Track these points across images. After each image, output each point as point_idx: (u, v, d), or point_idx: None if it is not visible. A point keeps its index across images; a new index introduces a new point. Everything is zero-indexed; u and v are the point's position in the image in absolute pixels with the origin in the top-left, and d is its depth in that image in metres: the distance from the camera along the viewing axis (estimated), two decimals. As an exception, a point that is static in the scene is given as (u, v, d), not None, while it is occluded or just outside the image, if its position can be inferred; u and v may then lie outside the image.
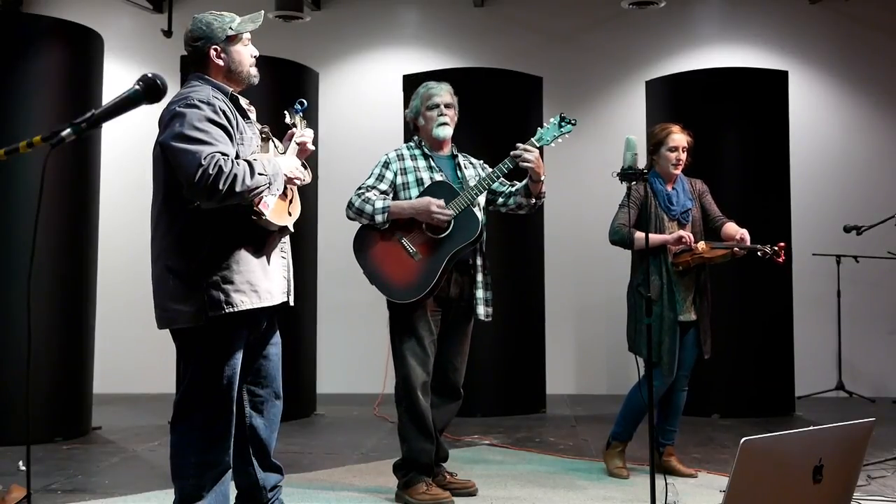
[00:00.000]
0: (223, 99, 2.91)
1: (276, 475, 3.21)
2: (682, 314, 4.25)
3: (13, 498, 3.68)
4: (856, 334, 7.69)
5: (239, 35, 3.00)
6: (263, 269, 2.93)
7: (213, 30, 2.96)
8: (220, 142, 2.78)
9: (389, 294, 3.79)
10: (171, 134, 2.76)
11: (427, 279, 3.74)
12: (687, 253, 4.22)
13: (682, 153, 4.33)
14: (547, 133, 3.89)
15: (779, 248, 4.14)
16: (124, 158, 7.80)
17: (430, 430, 3.85)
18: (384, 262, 3.80)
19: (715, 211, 4.48)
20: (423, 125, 3.97)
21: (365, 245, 3.85)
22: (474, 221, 3.80)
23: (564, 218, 7.64)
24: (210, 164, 2.69)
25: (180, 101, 2.83)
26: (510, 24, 8.47)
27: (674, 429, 4.43)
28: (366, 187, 3.87)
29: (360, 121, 8.32)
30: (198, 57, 2.99)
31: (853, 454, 2.39)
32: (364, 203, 3.80)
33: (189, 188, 2.74)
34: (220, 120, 2.83)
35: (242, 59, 3.01)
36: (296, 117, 3.18)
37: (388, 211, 3.78)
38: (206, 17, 2.99)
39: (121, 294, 7.43)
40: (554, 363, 7.24)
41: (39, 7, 8.47)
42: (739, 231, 4.26)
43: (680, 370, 4.34)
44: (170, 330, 2.94)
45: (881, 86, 8.15)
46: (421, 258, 3.78)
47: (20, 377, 5.18)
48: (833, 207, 7.75)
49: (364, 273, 3.85)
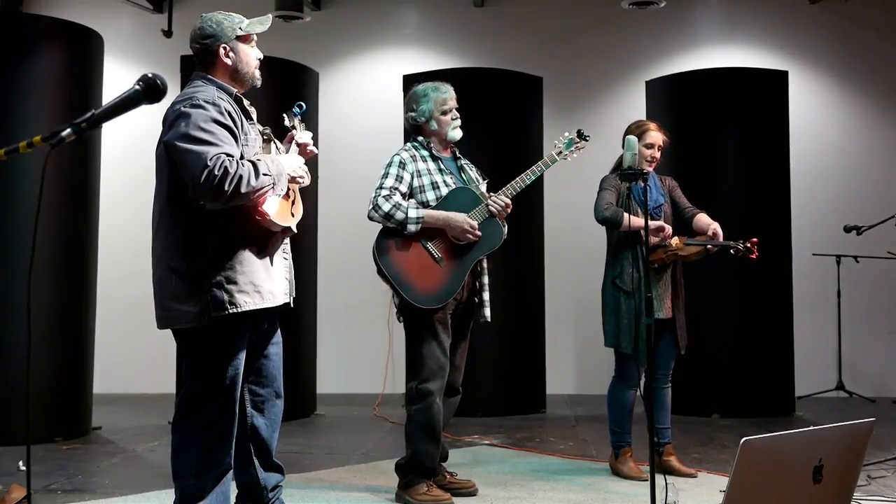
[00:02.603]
0: (228, 100, 2.91)
1: (278, 475, 3.21)
2: (658, 312, 4.26)
3: (13, 498, 3.68)
4: (856, 334, 7.69)
5: (247, 36, 3.00)
6: (266, 269, 2.93)
7: (224, 28, 2.96)
8: (225, 143, 2.78)
9: (415, 299, 3.77)
10: (177, 134, 2.76)
11: (452, 285, 3.79)
12: (661, 249, 4.24)
13: (656, 151, 4.36)
14: (566, 147, 4.06)
15: (751, 244, 4.17)
16: (124, 158, 7.80)
17: (438, 434, 3.85)
18: (410, 266, 3.80)
19: (685, 203, 4.52)
20: (436, 129, 3.99)
21: (389, 248, 3.83)
22: (497, 229, 3.90)
23: (564, 218, 7.63)
24: (216, 164, 2.69)
25: (185, 101, 2.82)
26: (510, 24, 8.47)
27: (666, 426, 4.45)
28: (389, 189, 3.83)
29: (360, 121, 8.32)
30: (205, 55, 2.98)
31: (853, 454, 2.39)
32: (395, 209, 3.78)
33: (194, 189, 2.74)
34: (225, 121, 2.83)
35: (249, 60, 3.01)
36: (294, 120, 3.18)
37: (423, 222, 3.79)
38: (216, 15, 2.99)
39: (121, 294, 7.43)
40: (554, 363, 7.25)
41: (39, 7, 8.46)
42: (711, 224, 4.29)
43: (658, 370, 4.38)
44: (171, 330, 2.93)
45: (881, 86, 8.15)
46: (446, 264, 3.81)
47: (20, 377, 5.18)
48: (833, 207, 7.75)
49: (383, 274, 3.81)
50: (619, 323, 4.27)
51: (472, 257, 3.85)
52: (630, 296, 4.24)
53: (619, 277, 4.29)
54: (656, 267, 4.27)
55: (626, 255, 4.28)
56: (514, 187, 3.92)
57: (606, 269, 4.42)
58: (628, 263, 4.27)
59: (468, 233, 3.80)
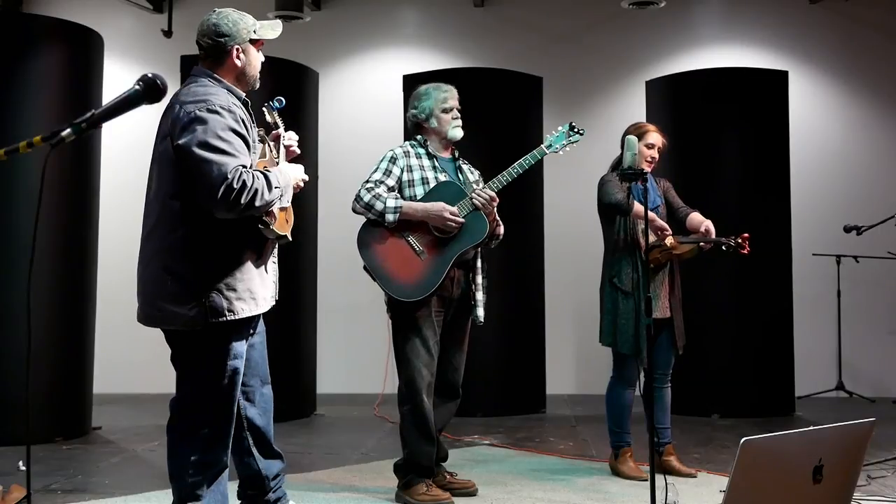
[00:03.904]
0: (239, 105, 2.89)
1: (278, 462, 3.23)
2: (656, 311, 4.25)
3: (13, 498, 3.67)
4: (856, 334, 7.68)
5: (259, 40, 2.99)
6: (261, 276, 2.95)
7: (239, 29, 2.93)
8: (241, 154, 2.76)
9: (392, 291, 3.78)
10: (195, 140, 2.72)
11: (432, 279, 3.75)
12: (656, 249, 4.25)
13: (656, 152, 4.38)
14: (556, 140, 4.01)
15: (742, 239, 4.18)
16: (124, 158, 7.79)
17: (432, 432, 3.84)
18: (389, 258, 3.80)
19: (679, 203, 4.53)
20: (436, 127, 3.98)
21: (370, 240, 3.83)
22: (482, 223, 3.82)
23: (564, 218, 7.63)
24: (235, 177, 2.68)
25: (199, 104, 2.77)
26: (510, 24, 8.47)
27: (666, 426, 4.45)
28: (374, 181, 3.85)
29: (360, 121, 8.31)
30: (215, 53, 2.93)
31: (853, 454, 2.39)
32: (375, 199, 3.79)
33: (209, 199, 2.71)
34: (241, 129, 2.81)
35: (256, 63, 3.01)
36: (274, 114, 3.16)
37: (401, 211, 3.78)
38: (232, 14, 2.95)
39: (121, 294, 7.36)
40: (554, 363, 7.24)
41: (39, 7, 8.46)
42: (704, 222, 4.30)
43: (657, 370, 4.37)
44: (163, 331, 2.93)
45: (881, 86, 8.15)
46: (427, 257, 3.79)
47: (20, 377, 5.17)
48: (833, 207, 7.74)
49: (366, 268, 3.83)
50: (616, 323, 4.27)
51: (455, 250, 3.79)
52: (628, 296, 4.25)
53: (618, 277, 4.30)
54: (653, 267, 4.27)
55: (625, 254, 4.29)
56: (500, 181, 3.87)
57: (604, 269, 4.42)
58: (627, 263, 4.28)
59: (448, 220, 3.75)
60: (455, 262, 3.80)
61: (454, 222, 3.76)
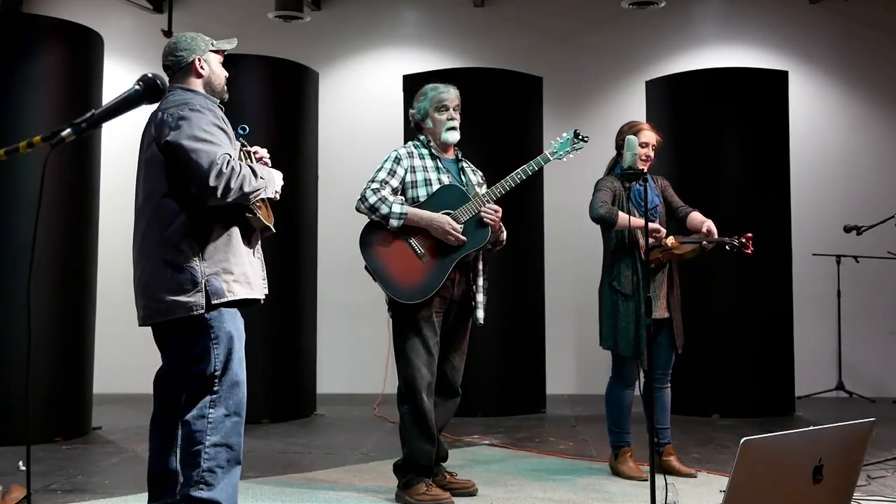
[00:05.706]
0: (218, 107, 3.10)
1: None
2: (655, 311, 4.25)
3: (13, 498, 3.68)
4: (856, 334, 7.69)
5: (218, 52, 3.20)
6: (251, 264, 3.13)
7: (197, 43, 3.17)
8: (226, 145, 2.96)
9: (393, 293, 3.79)
10: (183, 134, 2.91)
11: (433, 282, 3.77)
12: (657, 249, 4.24)
13: (650, 150, 4.36)
14: (561, 148, 4.01)
15: (745, 239, 4.17)
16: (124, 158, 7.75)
17: (431, 431, 3.85)
18: (391, 260, 3.81)
19: (678, 202, 4.52)
20: (432, 127, 3.98)
21: (372, 241, 3.85)
22: (484, 229, 3.85)
23: (564, 218, 7.63)
24: (224, 163, 2.87)
25: (182, 106, 2.99)
26: (510, 24, 8.47)
27: (666, 426, 4.45)
28: (379, 182, 3.86)
29: (360, 121, 8.31)
30: (179, 67, 3.14)
31: (853, 454, 2.39)
32: (380, 202, 3.80)
33: (201, 186, 2.88)
34: (223, 125, 3.01)
35: (220, 72, 3.21)
36: (240, 140, 3.25)
37: (405, 218, 3.79)
38: (189, 33, 3.24)
39: (121, 294, 7.37)
40: (554, 363, 7.24)
41: (39, 7, 8.46)
42: (705, 221, 4.29)
43: (657, 370, 4.37)
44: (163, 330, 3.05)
45: (881, 86, 8.16)
46: (428, 260, 3.80)
47: (20, 377, 5.18)
48: (833, 207, 7.75)
49: (367, 269, 3.84)
50: (616, 326, 4.27)
51: (456, 255, 3.81)
52: (628, 298, 4.24)
53: (617, 280, 4.29)
54: (652, 267, 4.27)
55: (624, 257, 4.29)
56: (502, 186, 3.88)
57: (603, 272, 4.42)
58: (626, 266, 4.27)
59: (449, 235, 3.78)
60: (456, 265, 3.82)
61: (455, 238, 3.78)
